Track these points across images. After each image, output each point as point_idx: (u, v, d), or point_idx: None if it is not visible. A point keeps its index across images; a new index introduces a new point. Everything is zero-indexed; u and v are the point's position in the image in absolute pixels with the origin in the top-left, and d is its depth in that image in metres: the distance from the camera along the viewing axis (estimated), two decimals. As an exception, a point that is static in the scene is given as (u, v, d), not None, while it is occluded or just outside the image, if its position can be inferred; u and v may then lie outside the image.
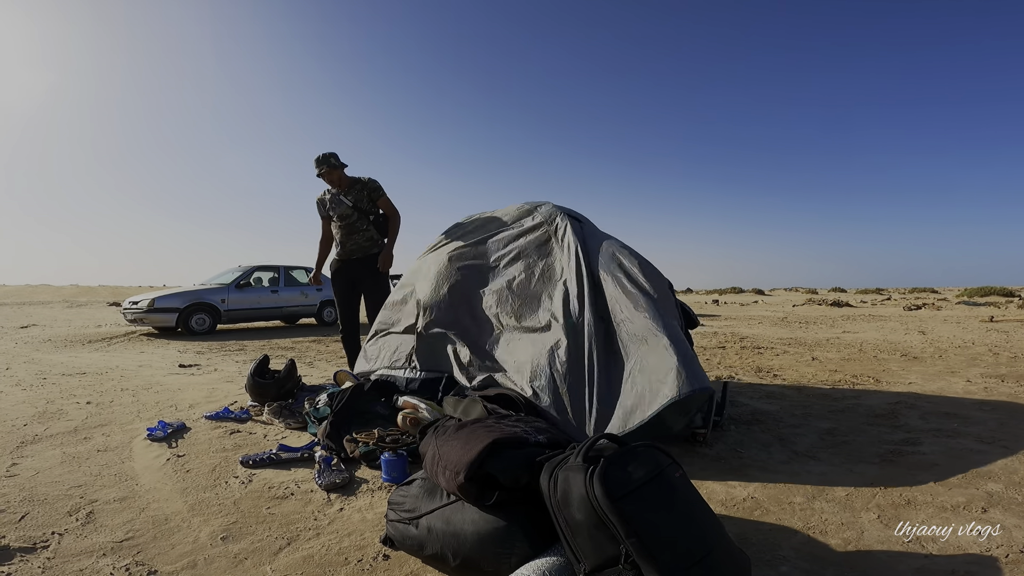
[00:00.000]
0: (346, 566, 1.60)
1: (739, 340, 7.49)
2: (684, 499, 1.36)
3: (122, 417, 3.34)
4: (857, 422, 3.13)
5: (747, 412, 3.33)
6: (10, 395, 3.99)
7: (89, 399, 3.85)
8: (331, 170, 3.91)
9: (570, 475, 1.35)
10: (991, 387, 4.10)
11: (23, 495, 2.11)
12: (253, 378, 3.48)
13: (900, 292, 35.37)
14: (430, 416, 2.64)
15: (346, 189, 4.01)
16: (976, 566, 1.57)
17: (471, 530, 1.48)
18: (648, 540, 1.22)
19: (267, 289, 10.22)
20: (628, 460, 1.35)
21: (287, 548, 1.71)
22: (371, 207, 4.01)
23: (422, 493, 1.67)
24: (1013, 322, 10.11)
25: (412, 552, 1.63)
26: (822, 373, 4.79)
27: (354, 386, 2.93)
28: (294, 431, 3.04)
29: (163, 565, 1.62)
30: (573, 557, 1.32)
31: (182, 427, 3.05)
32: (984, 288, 24.15)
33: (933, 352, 6.09)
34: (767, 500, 2.05)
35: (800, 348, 6.58)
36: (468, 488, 1.48)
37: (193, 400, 3.83)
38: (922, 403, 3.58)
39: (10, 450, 2.67)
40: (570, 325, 2.66)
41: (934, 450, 2.60)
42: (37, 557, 1.66)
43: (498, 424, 1.76)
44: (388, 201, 4.05)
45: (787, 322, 11.05)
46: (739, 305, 19.99)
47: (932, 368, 5.01)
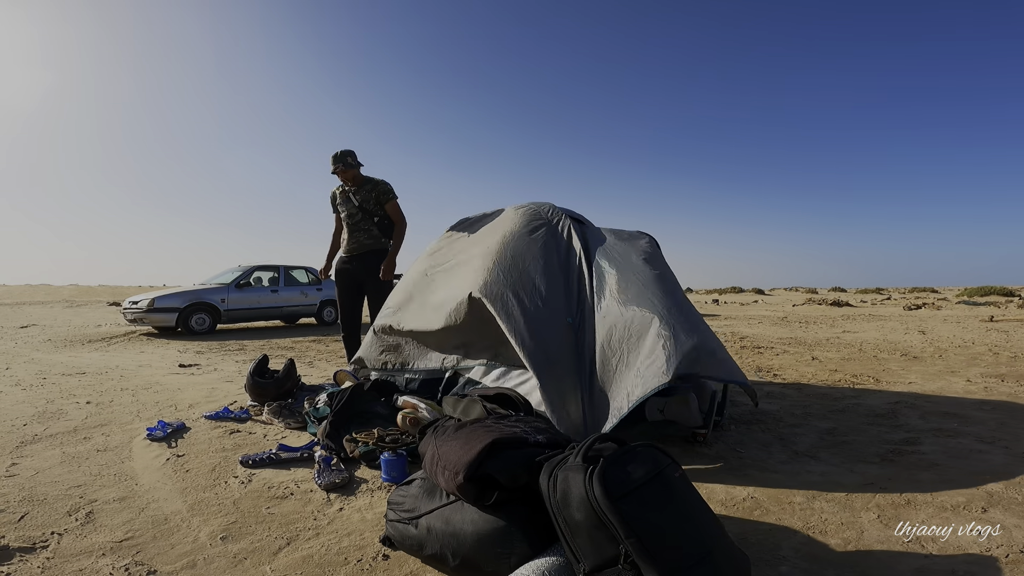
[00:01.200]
0: (346, 566, 1.60)
1: (739, 340, 7.49)
2: (684, 499, 1.36)
3: (122, 417, 3.34)
4: (857, 422, 3.13)
5: (747, 412, 3.33)
6: (10, 395, 3.98)
7: (89, 399, 3.85)
8: (346, 168, 3.94)
9: (569, 475, 1.34)
10: (991, 387, 4.10)
11: (23, 495, 2.11)
12: (253, 378, 3.48)
13: (900, 292, 35.37)
14: (430, 416, 2.64)
15: (357, 188, 4.03)
16: (976, 566, 1.57)
17: (471, 530, 1.48)
18: (648, 540, 1.22)
19: (267, 289, 10.22)
20: (628, 460, 1.35)
21: (287, 548, 1.71)
22: (377, 209, 4.02)
23: (421, 493, 1.67)
24: (1013, 322, 10.11)
25: (412, 552, 1.62)
26: (822, 373, 4.79)
27: (354, 386, 2.93)
28: (294, 431, 3.04)
29: (163, 565, 1.62)
30: (573, 557, 1.32)
31: (182, 427, 3.05)
32: (984, 288, 24.14)
33: (933, 352, 6.09)
34: (767, 500, 2.05)
35: (800, 348, 6.58)
36: (467, 488, 1.48)
37: (193, 400, 3.83)
38: (922, 403, 3.58)
39: (10, 450, 2.67)
40: (576, 320, 2.65)
41: (934, 450, 2.60)
42: (37, 557, 1.66)
43: (497, 424, 1.76)
44: (396, 207, 4.05)
45: (787, 322, 11.05)
46: (739, 305, 19.99)
47: (932, 368, 5.01)
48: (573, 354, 2.56)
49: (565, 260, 2.97)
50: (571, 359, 2.55)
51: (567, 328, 2.64)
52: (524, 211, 3.38)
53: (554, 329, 2.68)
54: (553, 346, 2.59)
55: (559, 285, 2.84)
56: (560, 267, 2.95)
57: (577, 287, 2.82)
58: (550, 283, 2.83)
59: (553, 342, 2.61)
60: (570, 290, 2.82)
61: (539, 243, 3.09)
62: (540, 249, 3.04)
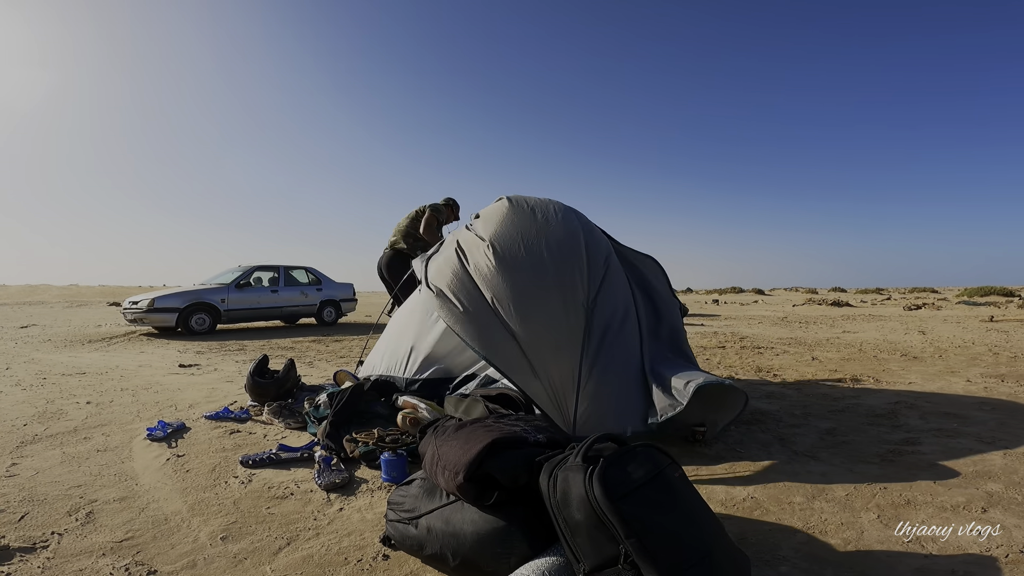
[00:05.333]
0: (346, 566, 1.60)
1: (739, 340, 7.49)
2: (684, 499, 1.36)
3: (122, 417, 3.34)
4: (857, 422, 3.13)
5: (747, 412, 3.33)
6: (10, 395, 3.99)
7: (89, 399, 3.85)
8: (452, 211, 5.47)
9: (569, 475, 1.34)
10: (991, 387, 4.10)
11: (23, 495, 2.11)
12: (253, 378, 3.48)
13: (900, 292, 35.36)
14: (430, 416, 2.64)
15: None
16: (976, 566, 1.57)
17: (470, 530, 1.48)
18: (647, 540, 1.22)
19: (267, 289, 10.22)
20: (627, 460, 1.35)
21: (287, 548, 1.71)
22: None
23: (422, 493, 1.67)
24: (1013, 322, 10.11)
25: (412, 552, 1.62)
26: (822, 373, 4.79)
27: (354, 386, 2.93)
28: (294, 431, 3.04)
29: (163, 565, 1.62)
30: (572, 557, 1.32)
31: (182, 427, 3.05)
32: (984, 288, 24.14)
33: (933, 352, 6.09)
34: (767, 500, 2.05)
35: (800, 348, 6.58)
36: (467, 488, 1.48)
37: (193, 400, 3.83)
38: (922, 403, 3.58)
39: (10, 450, 2.67)
40: (579, 316, 2.64)
41: (934, 450, 2.60)
42: (37, 557, 1.66)
43: (497, 424, 1.76)
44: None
45: (787, 322, 11.05)
46: (739, 305, 19.98)
47: (932, 368, 5.01)
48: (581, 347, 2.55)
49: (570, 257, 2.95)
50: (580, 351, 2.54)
51: (577, 321, 2.62)
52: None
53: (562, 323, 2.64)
54: (565, 338, 2.59)
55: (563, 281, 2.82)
56: (562, 264, 2.94)
57: (582, 281, 2.80)
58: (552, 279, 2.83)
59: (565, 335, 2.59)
60: (577, 285, 2.81)
61: (541, 241, 3.08)
62: (541, 247, 3.04)
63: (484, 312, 2.57)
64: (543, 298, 2.63)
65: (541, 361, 2.45)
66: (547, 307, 2.60)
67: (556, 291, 2.65)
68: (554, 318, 2.57)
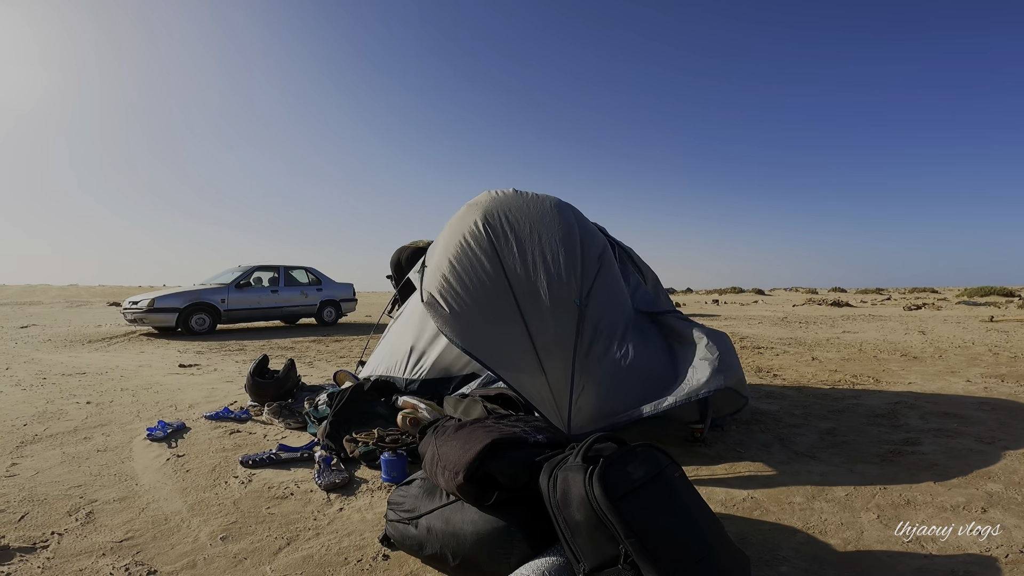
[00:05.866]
0: (346, 566, 1.60)
1: (739, 340, 7.49)
2: (683, 499, 1.36)
3: (122, 417, 3.34)
4: (857, 422, 3.13)
5: (747, 412, 3.32)
6: (10, 395, 3.99)
7: (89, 399, 3.85)
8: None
9: (569, 475, 1.35)
10: (991, 387, 4.10)
11: (23, 495, 2.11)
12: (253, 378, 3.48)
13: (900, 292, 35.36)
14: (430, 416, 2.64)
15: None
16: (976, 566, 1.57)
17: (470, 530, 1.48)
18: (647, 540, 1.22)
19: (267, 289, 10.22)
20: (627, 460, 1.35)
21: (287, 548, 1.71)
22: None
23: (422, 493, 1.67)
24: (1013, 322, 10.11)
25: (412, 552, 1.62)
26: (822, 373, 4.79)
27: (354, 386, 2.93)
28: (294, 431, 3.04)
29: (163, 565, 1.62)
30: (572, 557, 1.32)
31: (182, 427, 3.05)
32: (984, 288, 24.13)
33: (933, 352, 6.09)
34: (767, 500, 2.05)
35: (800, 348, 6.58)
36: (467, 488, 1.48)
37: (193, 400, 3.83)
38: (922, 403, 3.58)
39: (10, 450, 2.67)
40: (571, 312, 2.64)
41: (934, 450, 2.60)
42: (37, 557, 1.66)
43: (497, 424, 1.76)
44: None
45: (787, 322, 11.05)
46: (739, 305, 19.99)
47: (932, 368, 5.01)
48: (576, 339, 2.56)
49: (569, 255, 2.96)
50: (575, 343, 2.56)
51: (574, 319, 2.63)
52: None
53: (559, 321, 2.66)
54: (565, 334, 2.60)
55: (559, 279, 2.83)
56: (559, 262, 2.94)
57: (576, 278, 2.81)
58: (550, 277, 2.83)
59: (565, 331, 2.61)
60: (575, 283, 2.82)
61: (541, 241, 3.08)
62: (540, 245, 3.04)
63: (473, 311, 2.58)
64: (535, 295, 2.63)
65: (532, 358, 2.45)
66: (538, 304, 2.61)
67: (548, 287, 2.65)
68: (546, 314, 2.58)
